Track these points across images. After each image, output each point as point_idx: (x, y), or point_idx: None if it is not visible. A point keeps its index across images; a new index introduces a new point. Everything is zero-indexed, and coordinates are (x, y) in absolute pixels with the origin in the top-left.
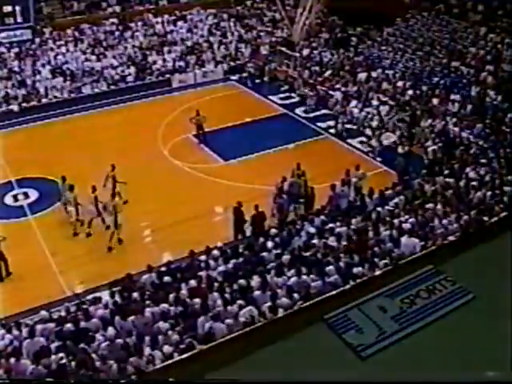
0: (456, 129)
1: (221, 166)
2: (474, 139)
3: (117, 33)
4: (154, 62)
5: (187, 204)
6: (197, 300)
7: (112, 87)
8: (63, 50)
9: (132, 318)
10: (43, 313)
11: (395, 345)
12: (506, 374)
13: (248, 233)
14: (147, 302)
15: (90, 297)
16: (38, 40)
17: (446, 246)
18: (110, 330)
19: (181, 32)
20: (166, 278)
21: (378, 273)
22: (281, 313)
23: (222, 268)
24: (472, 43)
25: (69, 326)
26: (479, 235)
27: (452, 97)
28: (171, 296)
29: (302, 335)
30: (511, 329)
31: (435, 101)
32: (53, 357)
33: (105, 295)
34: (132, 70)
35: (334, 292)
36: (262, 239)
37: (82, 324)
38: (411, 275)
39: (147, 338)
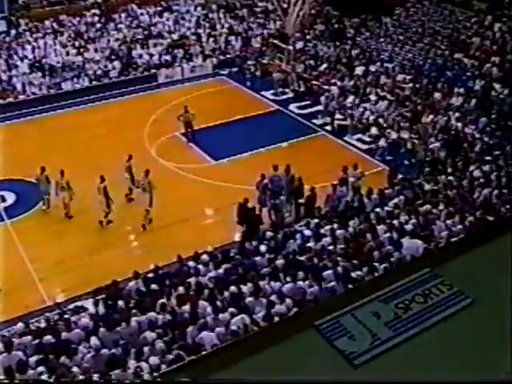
0: (459, 124)
1: (211, 165)
2: (479, 135)
3: (99, 25)
4: (140, 56)
5: (175, 206)
6: (186, 308)
7: (94, 83)
8: (41, 42)
9: (117, 328)
10: (21, 324)
11: (389, 352)
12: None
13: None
14: (133, 311)
15: (72, 306)
16: (13, 32)
17: (444, 248)
18: (94, 341)
19: (167, 24)
20: (154, 285)
21: (371, 277)
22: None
23: (212, 274)
24: (476, 33)
25: (49, 337)
26: (480, 236)
27: (455, 90)
28: (159, 304)
29: (291, 343)
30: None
31: (437, 95)
32: (31, 371)
33: (88, 304)
34: (116, 64)
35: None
36: (254, 243)
37: (64, 335)
38: (407, 279)
39: (133, 350)
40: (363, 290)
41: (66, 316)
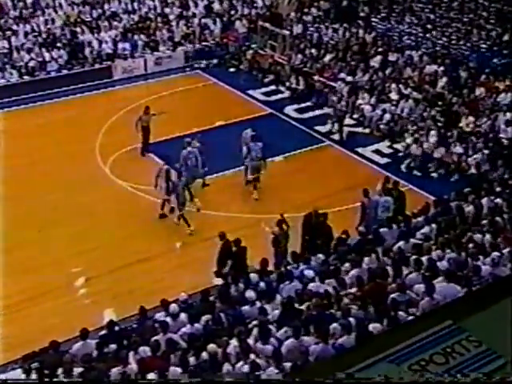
0: (510, 129)
1: None
2: None
3: None
4: (88, 44)
5: (136, 241)
6: (151, 376)
7: (27, 78)
8: None
9: None
10: None
11: None
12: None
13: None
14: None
15: None
16: None
17: (470, 296)
18: None
19: (124, 0)
20: (108, 346)
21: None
22: None
23: (186, 329)
24: None
25: None
26: None
27: (504, 84)
28: (114, 371)
29: None
30: None
31: (480, 91)
32: None
33: (16, 375)
34: (56, 53)
35: None
36: (241, 286)
37: None
38: (423, 334)
39: None
40: (368, 347)
41: None
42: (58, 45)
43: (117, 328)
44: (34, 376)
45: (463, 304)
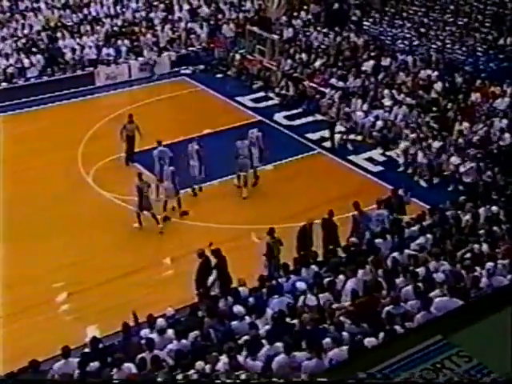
0: (507, 136)
1: None
2: None
3: (7, 2)
4: (70, 50)
5: (122, 254)
6: None
7: (4, 85)
8: None
9: None
10: None
11: None
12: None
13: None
14: None
15: None
16: None
17: (460, 309)
18: None
19: (106, 4)
20: (91, 365)
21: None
22: None
23: (172, 345)
24: None
25: None
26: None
27: (501, 89)
28: None
29: None
30: None
31: (475, 96)
32: None
33: None
34: (35, 59)
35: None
36: (230, 300)
37: None
38: (412, 349)
39: None
40: (358, 363)
41: None
42: (36, 50)
43: (100, 345)
44: None
45: (453, 317)
